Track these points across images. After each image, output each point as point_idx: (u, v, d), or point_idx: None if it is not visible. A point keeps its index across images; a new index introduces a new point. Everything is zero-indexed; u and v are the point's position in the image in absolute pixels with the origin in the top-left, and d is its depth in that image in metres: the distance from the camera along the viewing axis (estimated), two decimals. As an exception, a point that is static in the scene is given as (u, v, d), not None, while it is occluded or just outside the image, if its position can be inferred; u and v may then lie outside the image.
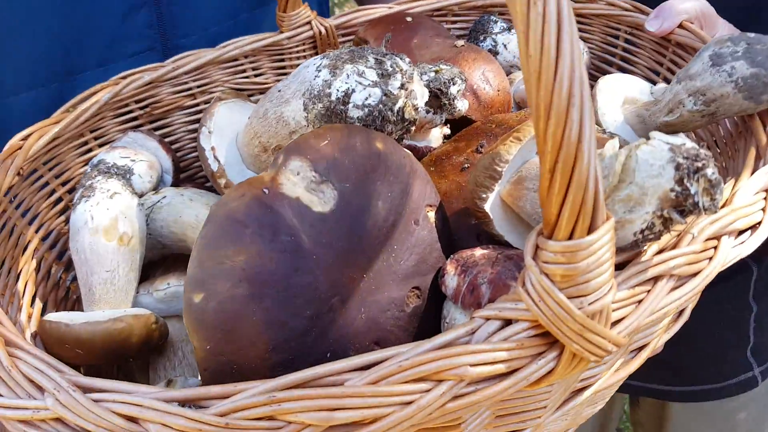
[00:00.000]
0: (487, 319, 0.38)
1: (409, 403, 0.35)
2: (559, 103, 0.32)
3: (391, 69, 0.48)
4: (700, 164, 0.39)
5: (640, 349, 0.50)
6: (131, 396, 0.36)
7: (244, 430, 0.35)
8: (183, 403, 0.36)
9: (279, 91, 0.51)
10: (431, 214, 0.48)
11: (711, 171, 0.39)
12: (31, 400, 0.38)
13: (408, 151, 0.49)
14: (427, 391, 0.36)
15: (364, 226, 0.43)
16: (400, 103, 0.48)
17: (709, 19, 0.69)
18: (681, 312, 0.52)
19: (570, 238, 0.34)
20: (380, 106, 0.47)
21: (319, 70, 0.48)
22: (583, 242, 0.34)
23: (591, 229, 0.34)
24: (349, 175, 0.43)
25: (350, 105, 0.47)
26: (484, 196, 0.47)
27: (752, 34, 0.55)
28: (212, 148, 0.55)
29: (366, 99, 0.47)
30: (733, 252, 0.44)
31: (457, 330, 0.37)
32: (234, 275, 0.38)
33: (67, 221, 0.63)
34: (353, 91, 0.47)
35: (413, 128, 0.50)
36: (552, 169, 0.33)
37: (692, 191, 0.39)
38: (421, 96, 0.50)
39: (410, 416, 0.35)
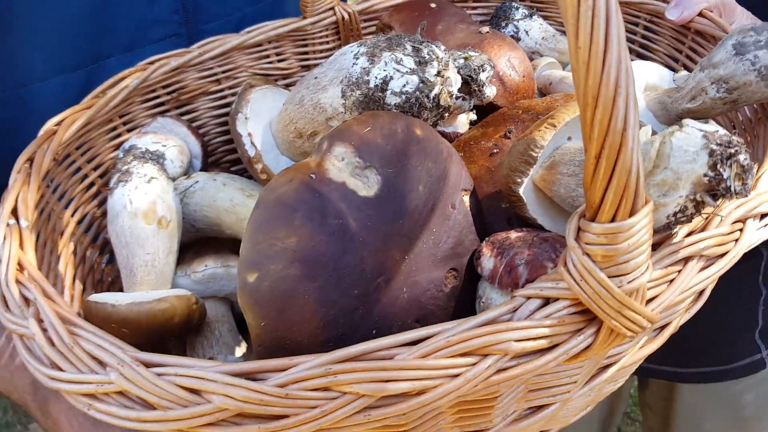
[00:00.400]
0: (528, 297, 0.40)
1: (456, 375, 0.37)
2: (607, 93, 0.34)
3: (428, 57, 0.49)
4: (732, 150, 0.41)
5: (663, 327, 0.52)
6: (193, 369, 0.38)
7: (302, 400, 0.37)
8: (242, 375, 0.38)
9: (315, 78, 0.52)
10: (466, 199, 0.50)
11: (743, 157, 0.41)
12: (94, 375, 0.40)
13: (443, 138, 0.50)
14: (474, 364, 0.37)
15: (406, 210, 0.44)
16: (436, 90, 0.49)
17: (728, 6, 0.71)
18: (701, 293, 0.54)
19: (612, 220, 0.36)
20: (417, 93, 0.49)
21: (357, 58, 0.49)
22: (625, 224, 0.36)
23: (632, 212, 0.36)
24: (392, 160, 0.44)
25: (388, 92, 0.48)
26: (519, 180, 0.48)
27: (774, 24, 0.57)
28: (249, 134, 0.56)
29: (404, 86, 0.48)
30: (756, 234, 0.46)
31: (500, 308, 0.39)
32: (286, 256, 0.40)
33: (99, 205, 0.64)
34: (391, 78, 0.48)
35: (447, 114, 0.52)
36: (598, 155, 0.35)
37: (725, 176, 0.41)
38: (455, 83, 0.51)
39: (457, 388, 0.37)
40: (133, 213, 0.54)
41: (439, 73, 0.49)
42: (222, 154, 0.75)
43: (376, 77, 0.48)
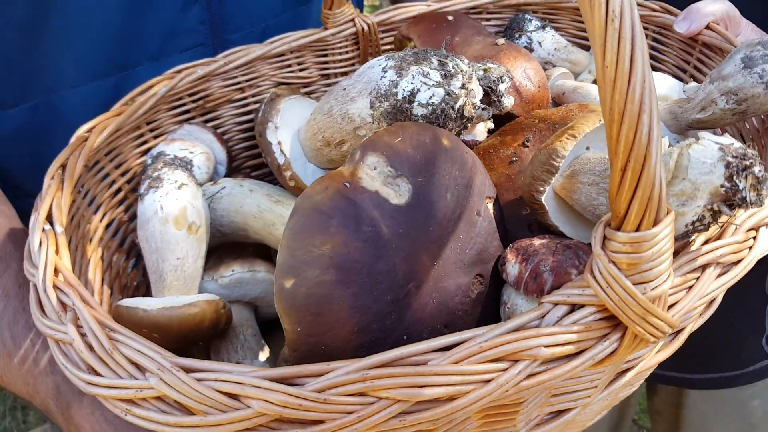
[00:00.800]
0: (556, 304, 0.41)
1: (488, 381, 0.39)
2: (632, 109, 0.35)
3: (453, 70, 0.51)
4: (748, 162, 0.43)
5: (678, 332, 0.54)
6: (232, 374, 0.39)
7: (339, 405, 0.38)
8: (281, 380, 0.39)
9: (344, 89, 0.54)
10: (490, 206, 0.52)
11: (758, 168, 0.43)
12: (133, 380, 0.41)
13: (467, 147, 0.52)
14: (505, 370, 0.39)
15: (435, 217, 0.46)
16: (461, 102, 0.51)
17: (733, 20, 0.73)
18: (714, 299, 0.56)
19: (637, 229, 0.37)
20: (443, 104, 0.50)
21: (386, 71, 0.51)
22: (649, 234, 0.37)
23: (656, 222, 0.38)
24: (421, 169, 0.46)
25: (415, 103, 0.50)
26: (541, 189, 0.50)
27: (781, 38, 0.59)
28: (279, 143, 0.57)
29: (430, 98, 0.50)
30: (769, 243, 0.48)
31: (529, 314, 0.41)
32: (322, 263, 0.42)
33: (126, 211, 0.65)
34: (418, 90, 0.50)
35: (470, 125, 0.53)
36: (623, 168, 0.37)
37: (741, 187, 0.42)
38: (478, 94, 0.53)
39: (489, 393, 0.39)
40: (164, 218, 0.55)
41: (463, 86, 0.51)
42: (244, 160, 0.77)
43: (404, 89, 0.50)
